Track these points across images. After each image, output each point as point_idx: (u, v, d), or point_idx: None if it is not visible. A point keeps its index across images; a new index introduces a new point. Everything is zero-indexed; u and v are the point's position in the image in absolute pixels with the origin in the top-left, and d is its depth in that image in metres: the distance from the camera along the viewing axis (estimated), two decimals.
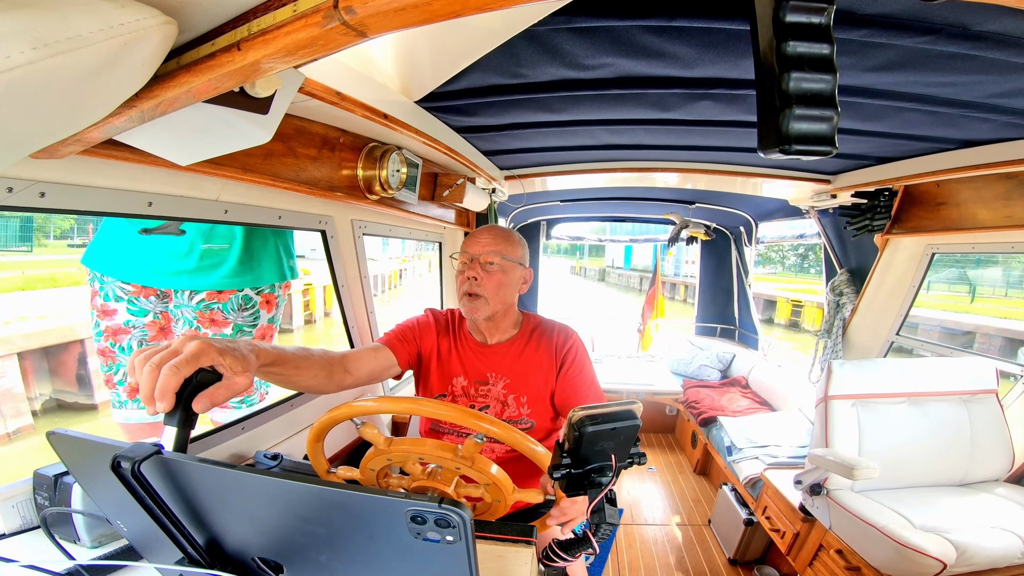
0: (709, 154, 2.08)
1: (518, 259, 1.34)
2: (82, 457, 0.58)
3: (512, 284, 1.33)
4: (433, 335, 1.39)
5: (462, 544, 0.45)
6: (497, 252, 1.30)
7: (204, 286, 1.49)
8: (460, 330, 1.41)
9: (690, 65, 1.11)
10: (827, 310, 2.88)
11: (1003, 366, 2.05)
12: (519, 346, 1.36)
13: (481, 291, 1.28)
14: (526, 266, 1.38)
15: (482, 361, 1.35)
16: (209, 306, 1.51)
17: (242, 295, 1.56)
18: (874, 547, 1.63)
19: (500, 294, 1.30)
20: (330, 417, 0.84)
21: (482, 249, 1.30)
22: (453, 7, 0.36)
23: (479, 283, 1.28)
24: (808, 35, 0.38)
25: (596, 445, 0.63)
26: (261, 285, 1.59)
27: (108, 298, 1.48)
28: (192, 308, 1.50)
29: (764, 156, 0.41)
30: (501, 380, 1.33)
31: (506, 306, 1.34)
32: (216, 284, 1.50)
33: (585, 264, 45.01)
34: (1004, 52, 0.93)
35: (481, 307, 1.29)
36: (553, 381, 1.32)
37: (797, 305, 14.63)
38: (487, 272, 1.29)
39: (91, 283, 1.49)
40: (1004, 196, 1.81)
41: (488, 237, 1.33)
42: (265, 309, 1.63)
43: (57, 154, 0.71)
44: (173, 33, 0.46)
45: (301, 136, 1.23)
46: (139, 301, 1.49)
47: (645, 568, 2.45)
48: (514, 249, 1.34)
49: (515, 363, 1.34)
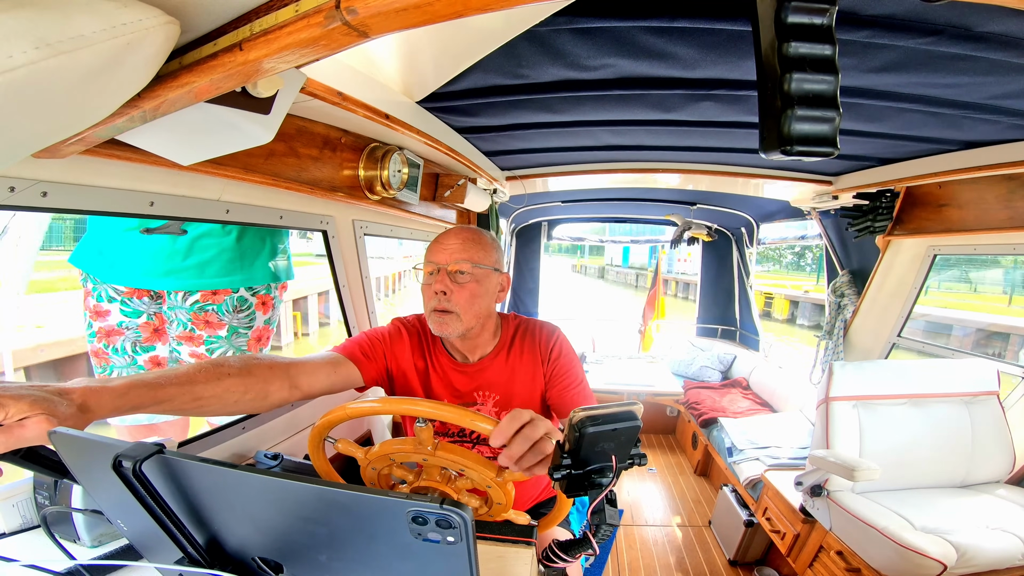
0: (710, 155, 2.08)
1: (492, 264, 1.17)
2: (83, 456, 0.58)
3: (487, 294, 1.15)
4: (407, 352, 1.22)
5: (463, 544, 0.45)
6: (467, 259, 1.12)
7: (195, 286, 1.44)
8: (435, 347, 1.24)
9: (692, 66, 1.11)
10: (828, 311, 2.88)
11: (1004, 367, 2.04)
12: (503, 357, 1.22)
13: (452, 307, 1.11)
14: (503, 271, 1.22)
15: (466, 382, 1.22)
16: (203, 307, 1.47)
17: (237, 296, 1.51)
18: (875, 548, 1.62)
19: (474, 308, 1.12)
20: (331, 418, 0.84)
21: (450, 258, 1.12)
22: (455, 7, 0.36)
23: (449, 297, 1.10)
24: (810, 36, 0.38)
25: (596, 446, 0.63)
26: (255, 285, 1.55)
27: (101, 299, 1.44)
28: (186, 310, 1.46)
29: (765, 157, 0.41)
30: (491, 398, 1.21)
31: (482, 319, 1.16)
32: (207, 283, 1.45)
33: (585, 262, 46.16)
34: (1006, 53, 0.93)
35: (452, 323, 1.11)
36: (542, 379, 1.22)
37: (768, 297, 17.57)
38: (457, 284, 1.11)
39: (84, 283, 1.46)
40: (1006, 197, 1.81)
41: (456, 243, 1.14)
42: (261, 311, 1.58)
43: (59, 154, 0.71)
44: (175, 33, 0.46)
45: (303, 136, 1.23)
46: (132, 302, 1.45)
47: (645, 569, 2.44)
48: (487, 254, 1.16)
49: (500, 375, 1.22)
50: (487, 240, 1.19)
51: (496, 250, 1.21)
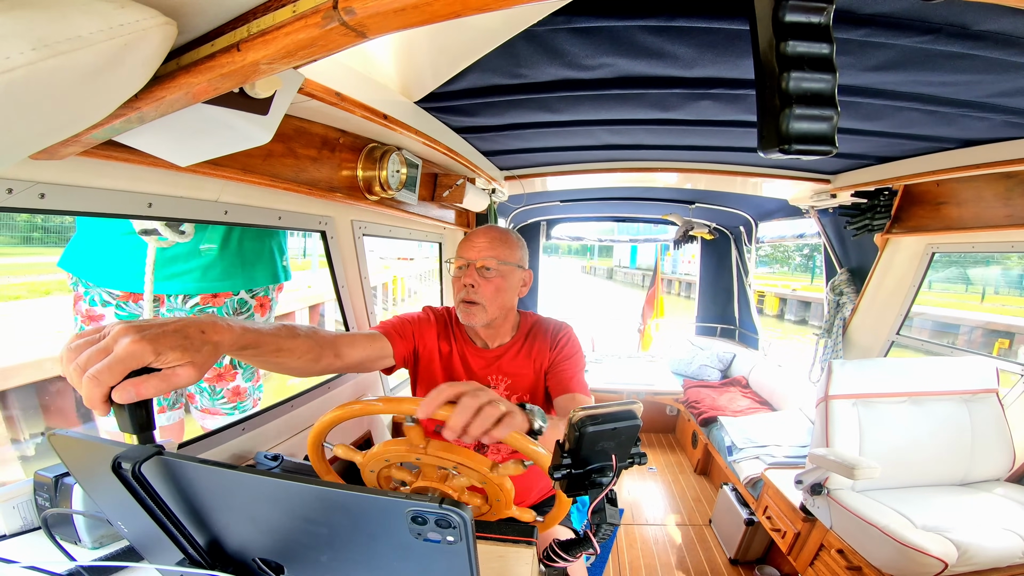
0: (709, 154, 2.08)
1: (516, 261, 1.30)
2: (83, 458, 0.58)
3: (511, 288, 1.29)
4: (433, 336, 1.35)
5: (463, 544, 0.45)
6: (494, 256, 1.25)
7: (197, 289, 1.45)
8: (460, 333, 1.37)
9: (690, 65, 1.11)
10: (827, 310, 2.88)
11: (1003, 365, 2.05)
12: (516, 347, 1.35)
13: (478, 298, 1.24)
14: (525, 268, 1.34)
15: (483, 366, 1.34)
16: (203, 310, 1.48)
17: (237, 299, 1.53)
18: (875, 547, 1.62)
19: (498, 300, 1.26)
20: (331, 418, 0.84)
21: (479, 254, 1.25)
22: (453, 7, 0.36)
23: (476, 290, 1.24)
24: (808, 35, 0.38)
25: (597, 445, 0.63)
26: (255, 287, 1.56)
27: (94, 303, 1.42)
28: (186, 312, 1.47)
29: (764, 156, 0.41)
30: (502, 382, 1.33)
31: (505, 311, 1.30)
32: (209, 287, 1.46)
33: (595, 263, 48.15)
34: (1004, 51, 0.93)
35: (478, 314, 1.25)
36: (547, 365, 1.32)
37: (761, 295, 19.51)
38: (484, 278, 1.24)
39: (74, 287, 1.44)
40: (1004, 195, 1.81)
41: (484, 241, 1.27)
42: (259, 312, 1.61)
43: (57, 155, 0.71)
44: (173, 34, 0.46)
45: (301, 137, 1.23)
46: (128, 306, 1.44)
47: (646, 568, 2.44)
48: (512, 252, 1.29)
49: (513, 364, 1.33)
50: (513, 239, 1.31)
51: (520, 248, 1.34)
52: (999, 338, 10.97)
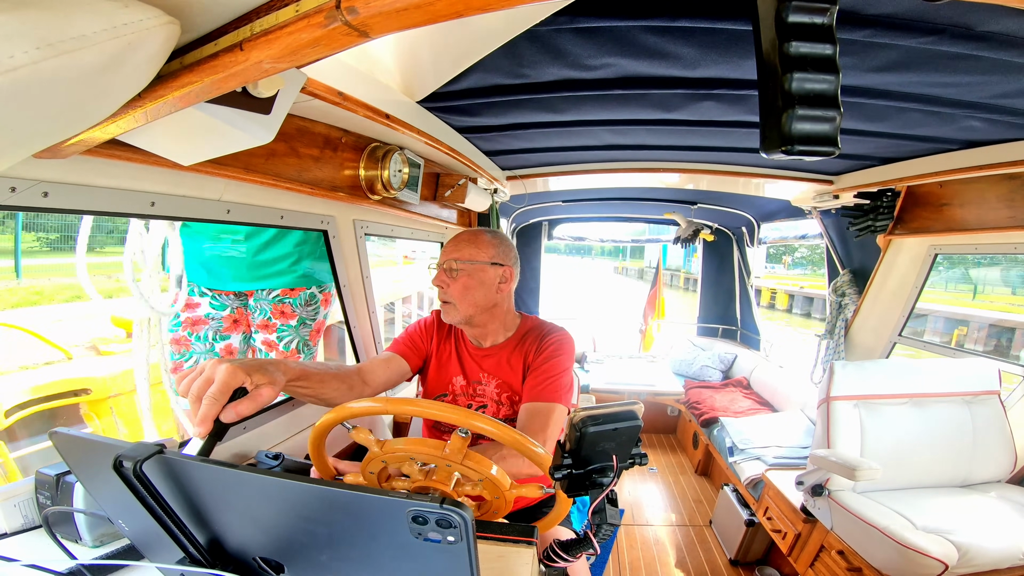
0: (711, 154, 2.08)
1: (488, 259, 1.30)
2: (84, 456, 0.58)
3: (481, 286, 1.29)
4: (438, 339, 1.42)
5: (463, 544, 0.45)
6: (457, 256, 1.30)
7: (279, 284, 1.75)
8: (460, 333, 1.43)
9: (692, 65, 1.10)
10: (829, 311, 2.87)
11: (1005, 366, 2.04)
12: (510, 348, 1.36)
13: (449, 297, 1.30)
14: (504, 265, 1.33)
15: (476, 363, 1.38)
16: (282, 300, 1.77)
17: (308, 292, 1.81)
18: (876, 548, 1.62)
19: (468, 298, 1.28)
20: (331, 418, 0.84)
21: (446, 256, 1.32)
22: (455, 7, 0.36)
23: (446, 290, 1.30)
24: (811, 35, 0.38)
25: (597, 445, 0.63)
26: (323, 283, 1.84)
27: (193, 293, 1.72)
28: (268, 302, 1.75)
29: (766, 156, 0.41)
30: (493, 380, 1.35)
31: (480, 308, 1.31)
32: (289, 282, 1.76)
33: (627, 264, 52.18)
34: (1008, 52, 0.93)
35: (451, 312, 1.31)
36: (527, 366, 1.33)
37: (773, 292, 21.77)
38: (451, 278, 1.29)
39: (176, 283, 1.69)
40: (1007, 197, 1.81)
41: (452, 243, 1.34)
42: (323, 306, 1.87)
43: (60, 154, 0.71)
44: (176, 33, 0.46)
45: (303, 136, 1.23)
46: (220, 298, 1.77)
47: (646, 568, 2.44)
48: (480, 251, 1.30)
49: (505, 364, 1.35)
50: (484, 239, 1.33)
51: (495, 247, 1.33)
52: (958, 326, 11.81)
